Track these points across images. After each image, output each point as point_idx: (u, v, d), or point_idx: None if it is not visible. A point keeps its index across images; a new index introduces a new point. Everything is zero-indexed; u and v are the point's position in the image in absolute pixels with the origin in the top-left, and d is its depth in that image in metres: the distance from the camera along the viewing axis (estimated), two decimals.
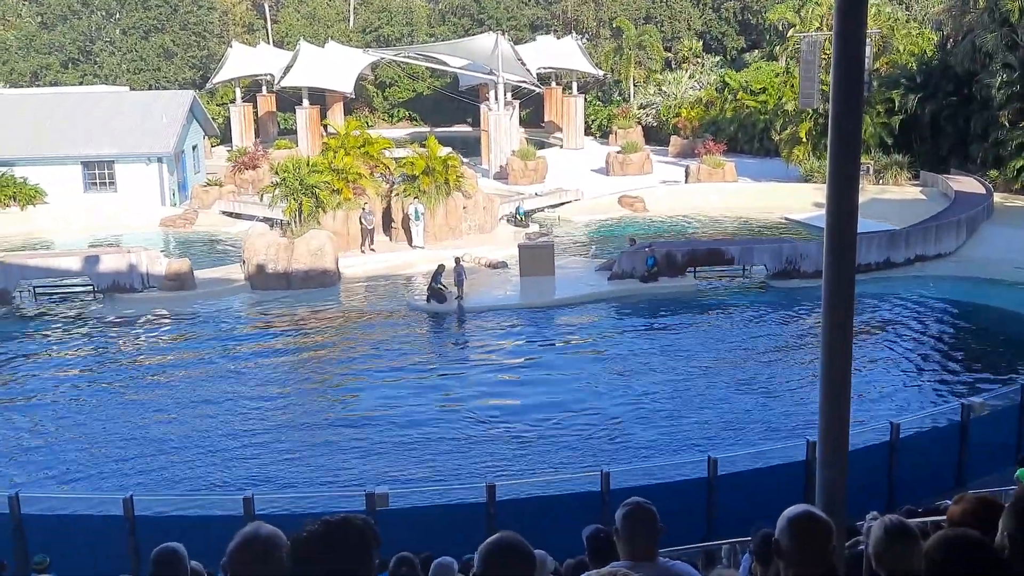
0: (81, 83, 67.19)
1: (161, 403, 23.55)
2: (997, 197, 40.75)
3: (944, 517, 5.91)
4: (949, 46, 48.35)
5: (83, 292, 32.43)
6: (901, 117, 46.71)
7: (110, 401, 23.84)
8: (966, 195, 40.46)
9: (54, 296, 32.58)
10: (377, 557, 3.02)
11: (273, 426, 22.07)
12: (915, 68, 49.03)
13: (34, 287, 32.49)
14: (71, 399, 24.06)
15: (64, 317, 30.92)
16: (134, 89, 62.42)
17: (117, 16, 73.50)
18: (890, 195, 43.58)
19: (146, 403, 23.59)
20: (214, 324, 30.12)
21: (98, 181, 46.98)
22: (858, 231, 5.26)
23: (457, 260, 31.22)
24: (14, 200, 44.86)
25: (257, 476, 19.26)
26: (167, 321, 30.55)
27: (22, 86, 66.53)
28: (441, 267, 30.78)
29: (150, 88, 66.35)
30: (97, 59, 71.90)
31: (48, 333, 29.55)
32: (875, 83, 46.93)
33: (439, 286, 30.23)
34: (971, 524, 3.75)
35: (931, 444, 17.18)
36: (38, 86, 67.26)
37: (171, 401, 23.68)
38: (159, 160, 46.69)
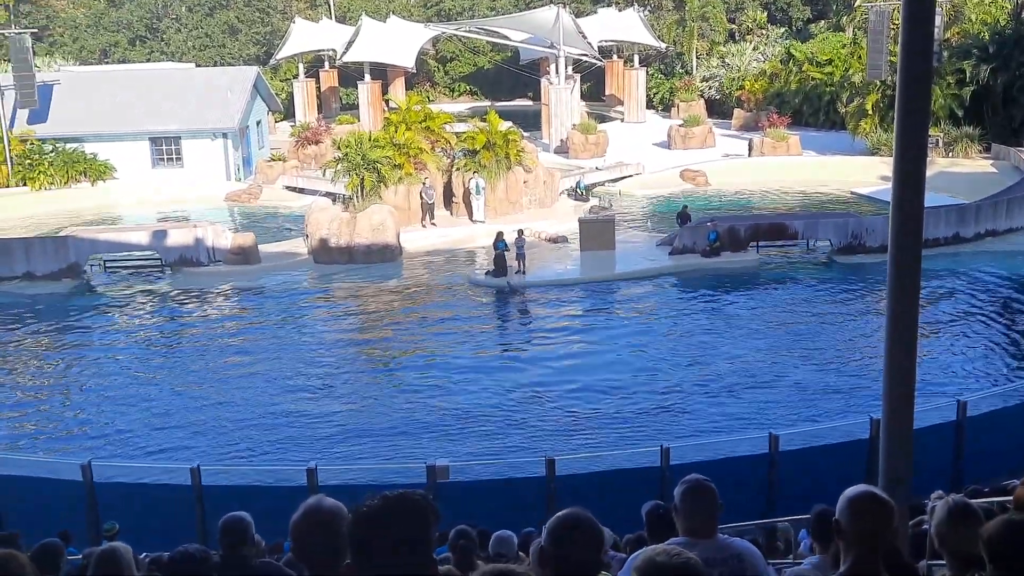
0: (148, 60, 68.29)
1: (228, 375, 24.01)
2: None
3: (1011, 498, 5.81)
4: (1023, 15, 46.91)
5: (151, 266, 33.11)
6: (972, 88, 45.46)
7: (178, 372, 24.38)
8: None
9: (123, 270, 33.33)
10: (436, 532, 3.05)
11: (334, 398, 22.38)
12: (987, 37, 47.58)
13: (104, 261, 33.29)
14: (139, 371, 24.65)
15: (133, 290, 31.63)
16: (200, 66, 63.24)
17: None
18: (960, 168, 42.51)
19: (213, 374, 24.08)
20: (278, 297, 30.58)
21: (165, 157, 47.80)
22: (926, 205, 5.15)
23: (519, 233, 31.26)
24: (84, 176, 45.82)
25: (320, 447, 19.56)
26: (233, 294, 31.11)
27: (91, 63, 67.80)
28: (500, 233, 30.93)
29: (215, 64, 67.15)
30: (164, 36, 72.97)
31: (117, 305, 30.26)
32: (945, 53, 45.76)
33: (500, 251, 30.33)
34: None
35: (999, 422, 16.83)
36: (107, 63, 68.49)
37: (237, 373, 24.14)
38: (224, 136, 47.33)
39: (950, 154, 44.41)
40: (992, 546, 3.20)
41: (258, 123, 52.66)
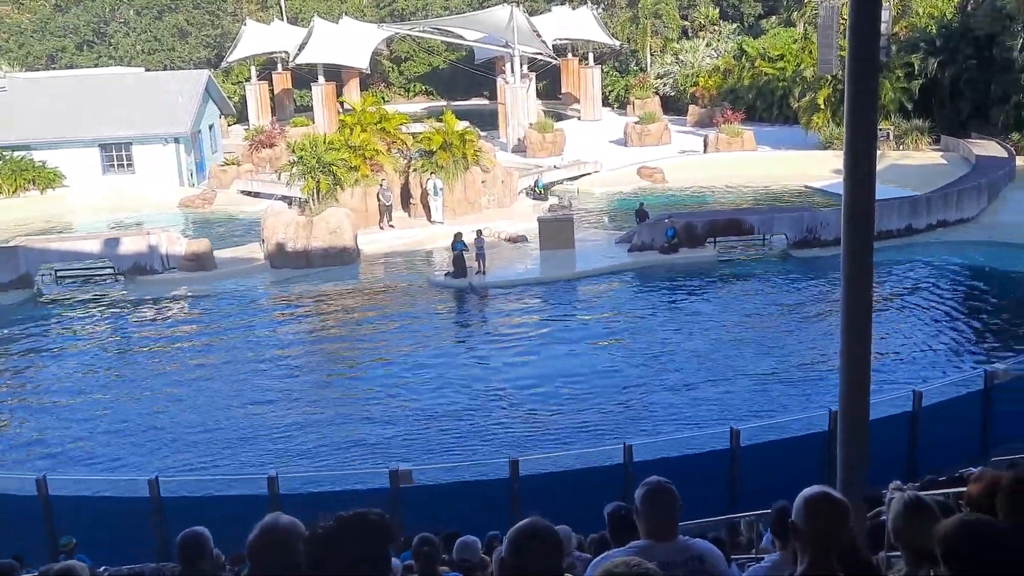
0: (96, 65, 67.28)
1: (183, 383, 23.72)
2: (1019, 161, 40.31)
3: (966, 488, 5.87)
4: (969, 8, 47.64)
5: (104, 275, 32.62)
6: (921, 81, 46.14)
7: (133, 382, 24.04)
8: (988, 159, 40.03)
9: (75, 279, 32.78)
10: (393, 550, 3.02)
11: (295, 404, 22.20)
12: (934, 31, 48.34)
13: (55, 271, 32.72)
14: (93, 381, 24.27)
15: (85, 300, 31.13)
16: (149, 70, 62.40)
17: None
18: (911, 161, 43.12)
19: (168, 384, 23.76)
20: (235, 303, 30.27)
21: (116, 163, 47.15)
22: (879, 198, 5.20)
23: (478, 233, 31.23)
24: (33, 184, 45.11)
25: (281, 453, 19.39)
26: (188, 302, 30.74)
27: (38, 69, 66.69)
28: (459, 234, 30.87)
29: (165, 68, 66.31)
30: (112, 40, 71.97)
31: (70, 316, 29.77)
32: (894, 47, 46.33)
33: (459, 251, 30.25)
34: (990, 503, 3.73)
35: (954, 411, 17.06)
36: (54, 69, 67.41)
37: (193, 381, 23.85)
38: (176, 140, 46.78)
39: (901, 147, 45.05)
40: (946, 546, 3.23)
41: (211, 127, 52.12)
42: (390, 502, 14.22)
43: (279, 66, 65.25)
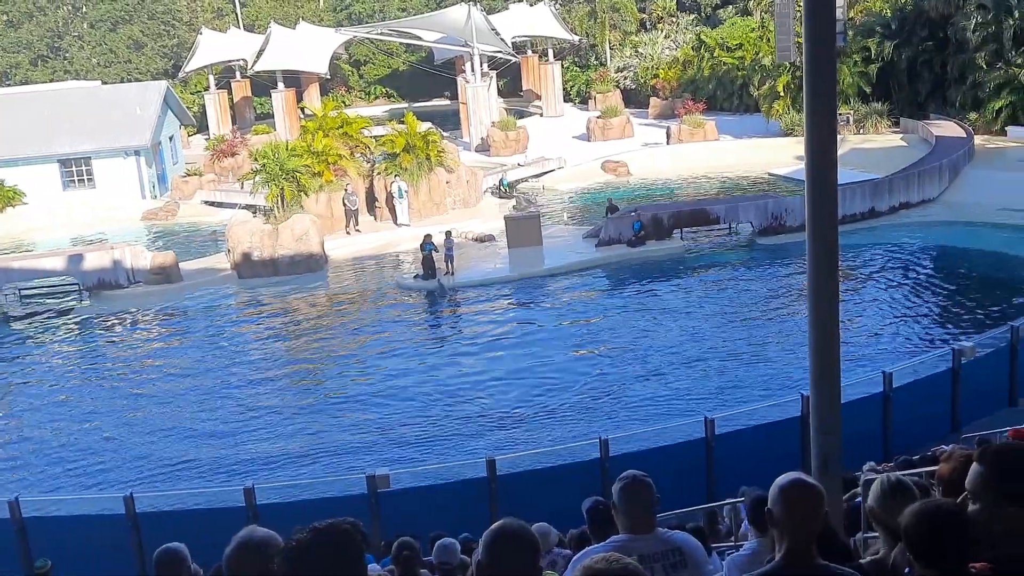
0: (52, 80, 66.49)
1: (155, 397, 23.49)
2: (977, 140, 40.78)
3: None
4: None
5: (69, 291, 32.22)
6: (878, 65, 46.63)
7: (102, 398, 23.76)
8: (947, 139, 40.48)
9: (40, 297, 32.36)
10: (373, 556, 3.00)
11: (268, 412, 22.04)
12: (889, 15, 48.87)
13: (19, 289, 32.27)
14: (63, 399, 23.98)
15: (51, 318, 30.75)
16: (106, 83, 61.77)
17: (84, 10, 72.67)
18: (872, 144, 43.56)
19: (139, 398, 23.53)
20: (202, 315, 30.02)
21: (76, 178, 46.59)
22: (841, 182, 5.25)
23: (447, 234, 31.18)
24: None
25: (256, 463, 19.26)
26: (155, 315, 30.43)
27: None
28: (428, 236, 30.79)
29: (122, 81, 65.65)
30: (67, 55, 71.17)
31: (36, 334, 29.39)
32: (850, 32, 46.76)
33: (428, 252, 30.14)
34: (960, 482, 3.78)
35: (924, 391, 17.22)
36: (8, 85, 66.54)
37: (163, 394, 23.62)
38: (136, 153, 46.31)
39: (861, 130, 45.50)
40: (908, 538, 3.28)
41: (171, 138, 51.64)
42: (369, 508, 14.16)
43: (237, 74, 64.79)
